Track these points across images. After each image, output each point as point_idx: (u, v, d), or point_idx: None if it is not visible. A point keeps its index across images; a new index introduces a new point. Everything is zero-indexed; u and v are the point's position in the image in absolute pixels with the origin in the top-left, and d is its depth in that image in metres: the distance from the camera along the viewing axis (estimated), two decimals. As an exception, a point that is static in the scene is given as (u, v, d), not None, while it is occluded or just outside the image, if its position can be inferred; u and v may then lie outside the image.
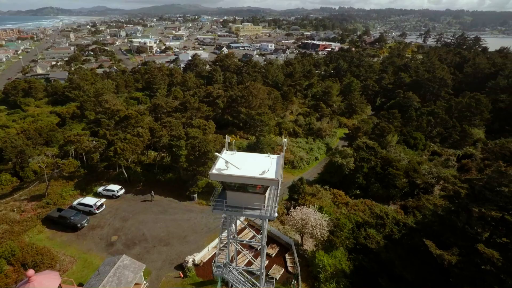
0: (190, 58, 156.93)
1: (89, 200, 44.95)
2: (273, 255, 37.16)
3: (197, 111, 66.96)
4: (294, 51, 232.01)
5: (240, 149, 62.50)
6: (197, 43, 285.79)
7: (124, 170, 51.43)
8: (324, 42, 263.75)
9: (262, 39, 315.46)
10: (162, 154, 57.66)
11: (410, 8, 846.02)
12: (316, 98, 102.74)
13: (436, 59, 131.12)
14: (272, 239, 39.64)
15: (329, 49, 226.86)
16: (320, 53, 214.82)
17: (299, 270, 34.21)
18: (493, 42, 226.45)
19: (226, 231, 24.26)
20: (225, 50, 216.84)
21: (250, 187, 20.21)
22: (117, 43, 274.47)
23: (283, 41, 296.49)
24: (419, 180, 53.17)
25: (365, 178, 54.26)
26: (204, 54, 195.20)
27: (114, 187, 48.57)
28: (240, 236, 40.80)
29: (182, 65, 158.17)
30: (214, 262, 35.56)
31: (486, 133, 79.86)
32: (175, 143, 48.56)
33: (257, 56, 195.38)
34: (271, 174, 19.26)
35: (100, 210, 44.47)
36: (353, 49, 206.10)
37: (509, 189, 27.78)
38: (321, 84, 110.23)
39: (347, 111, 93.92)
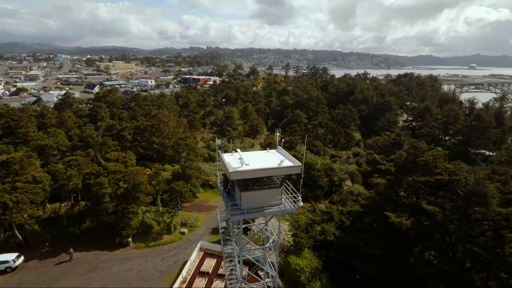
0: (56, 98, 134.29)
1: (-31, 283, 31.06)
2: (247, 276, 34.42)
3: (102, 146, 57.25)
4: (177, 86, 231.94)
5: (163, 182, 56.55)
6: (59, 82, 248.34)
7: (16, 231, 38.18)
8: (203, 77, 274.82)
9: (139, 76, 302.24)
10: (72, 202, 45.94)
11: (267, 47, 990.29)
12: (218, 125, 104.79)
13: (307, 84, 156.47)
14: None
15: (211, 82, 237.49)
16: (204, 86, 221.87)
17: (280, 281, 32.81)
18: (333, 72, 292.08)
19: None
20: (98, 88, 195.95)
21: (266, 184, 18.85)
22: None
23: (161, 78, 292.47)
24: (336, 177, 60.70)
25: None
26: (75, 94, 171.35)
27: (7, 256, 35.23)
28: (202, 268, 36.29)
29: (51, 106, 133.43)
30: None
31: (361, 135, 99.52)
32: (93, 181, 39.76)
33: (139, 92, 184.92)
34: (290, 163, 18.60)
35: (-8, 292, 31.29)
36: (233, 80, 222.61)
37: (424, 159, 35.30)
38: (218, 112, 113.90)
39: (251, 132, 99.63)
